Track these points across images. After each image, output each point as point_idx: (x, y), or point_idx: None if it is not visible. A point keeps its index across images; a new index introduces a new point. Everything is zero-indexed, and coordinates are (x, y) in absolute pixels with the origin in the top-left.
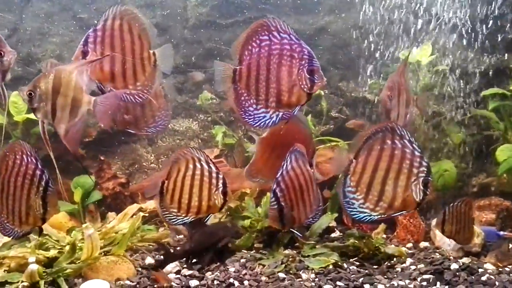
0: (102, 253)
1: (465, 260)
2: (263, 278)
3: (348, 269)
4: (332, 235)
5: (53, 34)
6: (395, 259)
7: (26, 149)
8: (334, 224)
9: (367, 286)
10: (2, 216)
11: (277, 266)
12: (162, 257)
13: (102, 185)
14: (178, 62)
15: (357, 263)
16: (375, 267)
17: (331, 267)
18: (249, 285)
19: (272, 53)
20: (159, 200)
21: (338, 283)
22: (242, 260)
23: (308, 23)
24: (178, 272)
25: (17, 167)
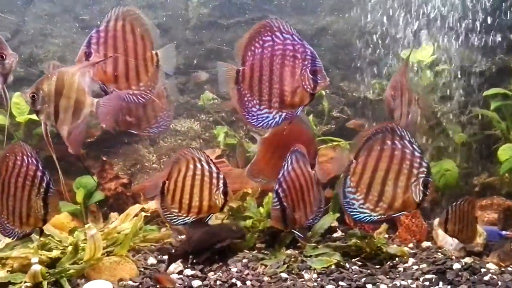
0: (105, 254)
1: (468, 259)
2: (266, 278)
3: (350, 269)
4: (334, 235)
5: (55, 35)
6: (397, 259)
7: (26, 150)
8: (336, 224)
9: (369, 286)
10: (3, 217)
11: (279, 266)
12: (166, 261)
13: (104, 185)
14: (179, 63)
15: (359, 263)
16: (377, 267)
17: (333, 267)
18: (252, 285)
19: (275, 53)
20: (160, 200)
21: (340, 283)
22: (244, 260)
23: (309, 23)
24: (180, 272)
25: (18, 168)
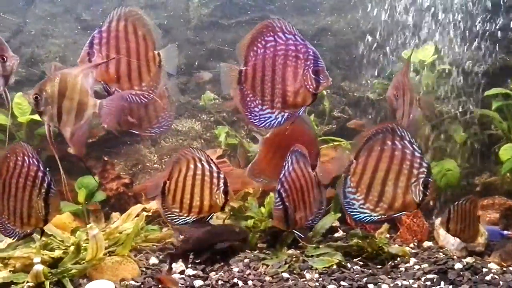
0: (107, 254)
1: (469, 259)
2: (267, 278)
3: (352, 269)
4: (336, 234)
5: (56, 36)
6: (398, 258)
7: (27, 150)
8: (337, 224)
9: (371, 286)
10: (3, 217)
11: (281, 266)
12: (167, 261)
13: (106, 185)
14: (180, 63)
15: (361, 263)
16: (378, 267)
17: (334, 267)
18: (253, 285)
19: (277, 53)
20: (161, 200)
21: (342, 283)
22: (246, 260)
23: (310, 23)
24: (182, 272)
25: (19, 169)
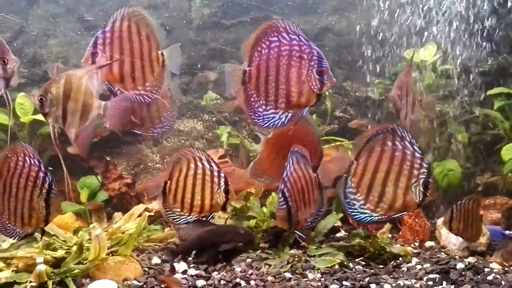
0: (109, 254)
1: (471, 259)
2: (269, 278)
3: (354, 268)
4: (338, 234)
5: (59, 36)
6: (400, 258)
7: (28, 151)
8: (339, 224)
9: (373, 285)
10: (4, 217)
11: (283, 266)
12: (170, 259)
13: (108, 185)
14: (182, 63)
15: (363, 263)
16: (381, 266)
17: (337, 266)
18: (256, 285)
19: (281, 54)
20: (162, 200)
21: (344, 282)
22: (248, 260)
23: (312, 23)
24: (184, 272)
25: (20, 169)
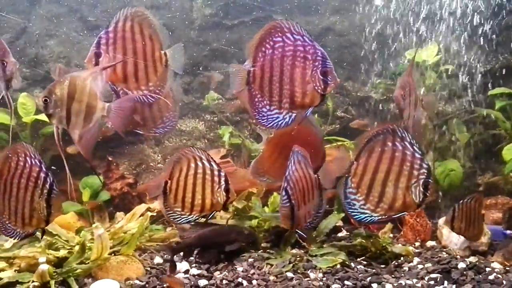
0: (112, 253)
1: (472, 259)
2: (271, 278)
3: (356, 268)
4: (339, 234)
5: (61, 36)
6: (402, 258)
7: (29, 151)
8: (341, 224)
9: (374, 285)
10: (4, 217)
11: (285, 266)
12: (170, 256)
13: (110, 185)
14: (184, 63)
15: (365, 263)
16: (382, 266)
17: (338, 266)
18: (258, 284)
19: (285, 54)
20: (163, 200)
21: (346, 282)
22: (250, 260)
23: (313, 23)
24: (186, 271)
25: (20, 169)
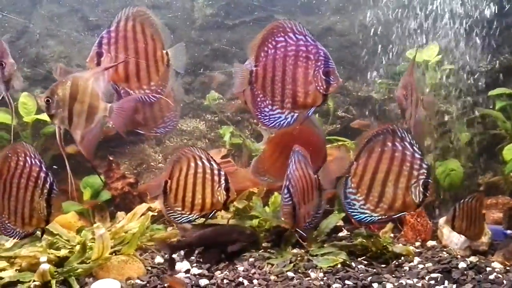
0: (113, 253)
1: (473, 258)
2: (272, 277)
3: (356, 268)
4: (340, 234)
5: (62, 36)
6: (403, 258)
7: (29, 151)
8: (341, 224)
9: (375, 285)
10: (4, 217)
11: (286, 265)
12: (168, 254)
13: (111, 185)
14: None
15: (365, 262)
16: (383, 266)
17: (339, 266)
18: (258, 284)
19: (288, 54)
20: (163, 199)
21: (346, 282)
22: (251, 259)
23: (314, 23)
24: (187, 271)
25: (20, 169)
